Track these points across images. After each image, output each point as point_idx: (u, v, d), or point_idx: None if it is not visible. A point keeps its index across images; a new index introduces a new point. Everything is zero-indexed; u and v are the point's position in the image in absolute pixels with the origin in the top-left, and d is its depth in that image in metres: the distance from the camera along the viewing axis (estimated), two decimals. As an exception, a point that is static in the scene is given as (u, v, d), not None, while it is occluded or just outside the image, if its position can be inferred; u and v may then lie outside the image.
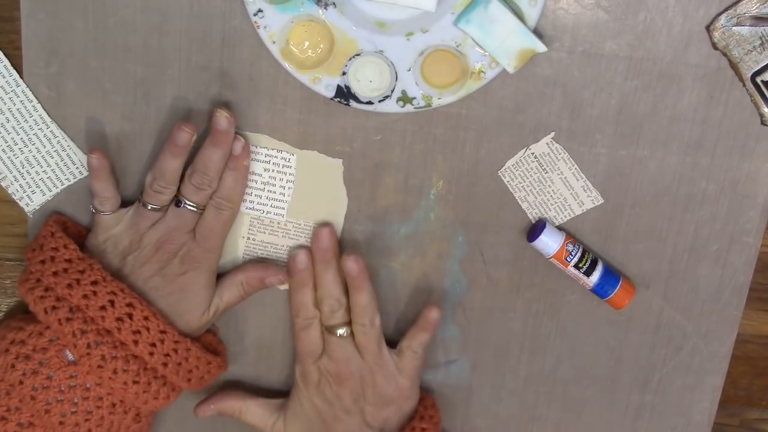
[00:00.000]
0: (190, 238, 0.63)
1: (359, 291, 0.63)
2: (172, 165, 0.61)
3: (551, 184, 0.65)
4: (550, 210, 0.66)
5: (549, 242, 0.64)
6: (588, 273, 0.65)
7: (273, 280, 0.66)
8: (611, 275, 0.65)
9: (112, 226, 0.63)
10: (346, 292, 0.64)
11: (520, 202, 0.66)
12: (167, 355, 0.60)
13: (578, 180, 0.65)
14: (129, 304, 0.59)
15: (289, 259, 0.66)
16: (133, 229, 0.62)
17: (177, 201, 0.62)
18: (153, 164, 0.62)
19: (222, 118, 0.60)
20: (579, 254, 0.65)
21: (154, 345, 0.60)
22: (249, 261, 0.68)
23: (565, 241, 0.65)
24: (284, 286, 0.69)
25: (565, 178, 0.65)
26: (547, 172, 0.65)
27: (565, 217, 0.66)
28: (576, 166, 0.65)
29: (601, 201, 0.66)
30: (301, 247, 0.66)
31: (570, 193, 0.65)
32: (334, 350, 0.65)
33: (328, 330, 0.64)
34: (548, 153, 0.64)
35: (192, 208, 0.62)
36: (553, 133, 0.64)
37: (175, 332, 0.61)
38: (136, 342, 0.59)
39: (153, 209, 0.62)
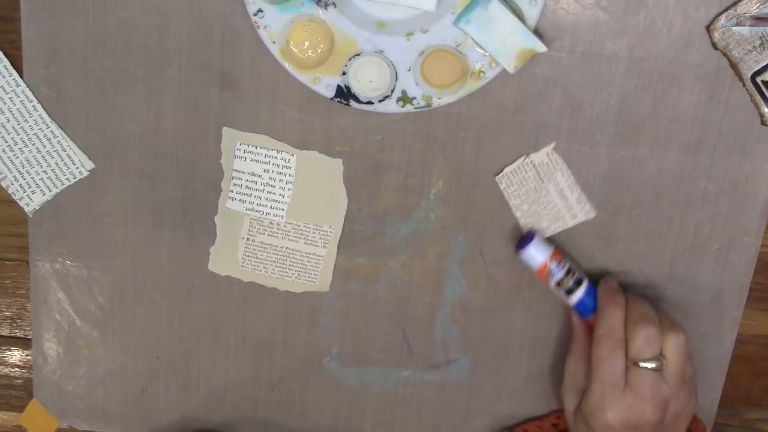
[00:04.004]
0: None
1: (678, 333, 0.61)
2: None
3: (546, 194, 0.65)
4: (543, 220, 0.66)
5: (535, 255, 0.63)
6: (569, 292, 0.64)
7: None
8: (594, 298, 0.64)
9: None
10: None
11: (513, 210, 0.65)
12: None
13: (573, 192, 0.65)
14: None
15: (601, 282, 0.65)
16: None
17: None
18: None
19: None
20: (563, 272, 0.64)
21: None
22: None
23: (550, 258, 0.64)
24: (285, 287, 0.69)
25: (561, 189, 0.65)
26: (543, 181, 0.65)
27: (557, 228, 0.66)
28: (573, 177, 0.64)
29: (594, 215, 0.65)
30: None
31: (564, 204, 0.65)
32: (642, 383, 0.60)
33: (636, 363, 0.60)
34: (547, 163, 0.64)
35: None
36: (554, 143, 0.64)
37: None
38: None
39: None
